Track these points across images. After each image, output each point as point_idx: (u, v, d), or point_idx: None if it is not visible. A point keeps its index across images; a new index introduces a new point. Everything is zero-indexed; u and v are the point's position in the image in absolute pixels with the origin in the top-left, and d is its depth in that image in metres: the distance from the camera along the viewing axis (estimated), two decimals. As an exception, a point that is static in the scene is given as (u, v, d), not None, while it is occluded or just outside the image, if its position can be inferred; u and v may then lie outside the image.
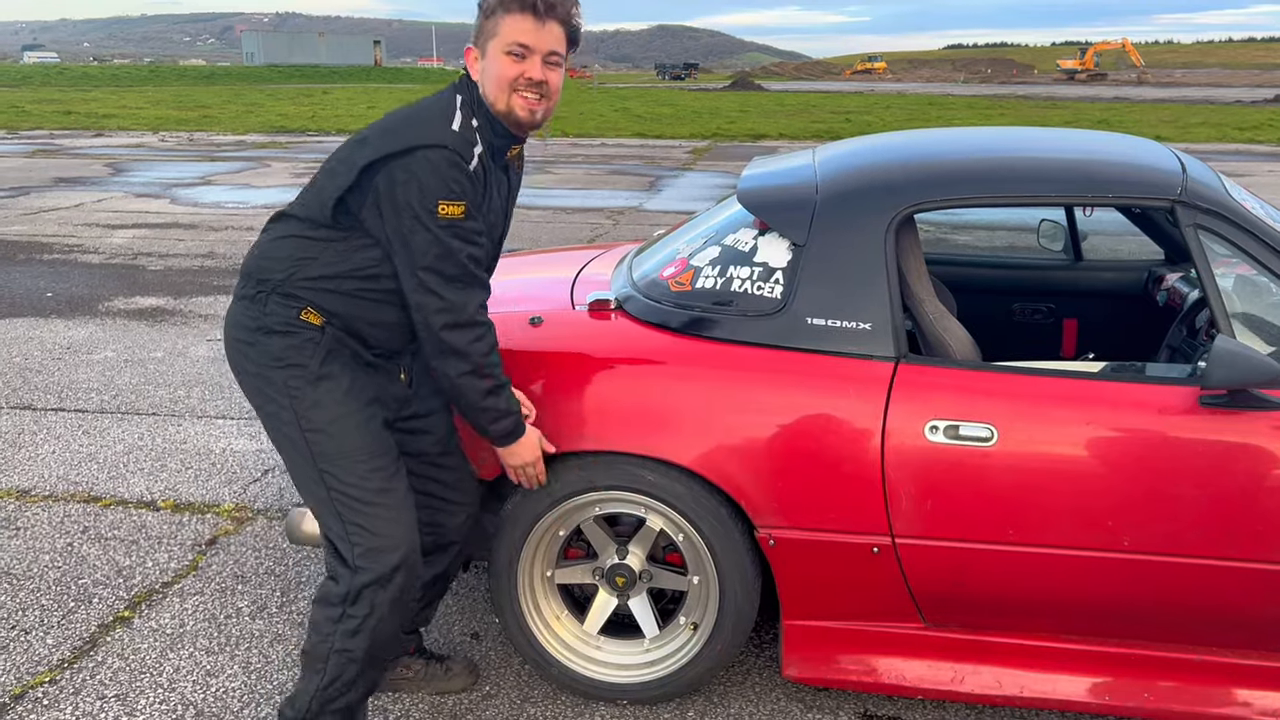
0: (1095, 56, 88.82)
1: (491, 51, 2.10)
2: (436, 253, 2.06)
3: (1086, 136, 2.86)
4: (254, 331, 2.15)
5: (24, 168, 14.78)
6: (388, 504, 2.15)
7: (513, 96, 2.10)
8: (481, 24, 2.12)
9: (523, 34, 2.06)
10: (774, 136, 22.73)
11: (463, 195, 2.04)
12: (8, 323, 6.07)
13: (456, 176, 2.03)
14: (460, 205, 2.05)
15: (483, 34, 2.11)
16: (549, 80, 2.11)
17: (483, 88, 2.13)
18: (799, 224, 2.40)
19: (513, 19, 2.06)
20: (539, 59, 2.09)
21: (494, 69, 2.09)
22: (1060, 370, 2.28)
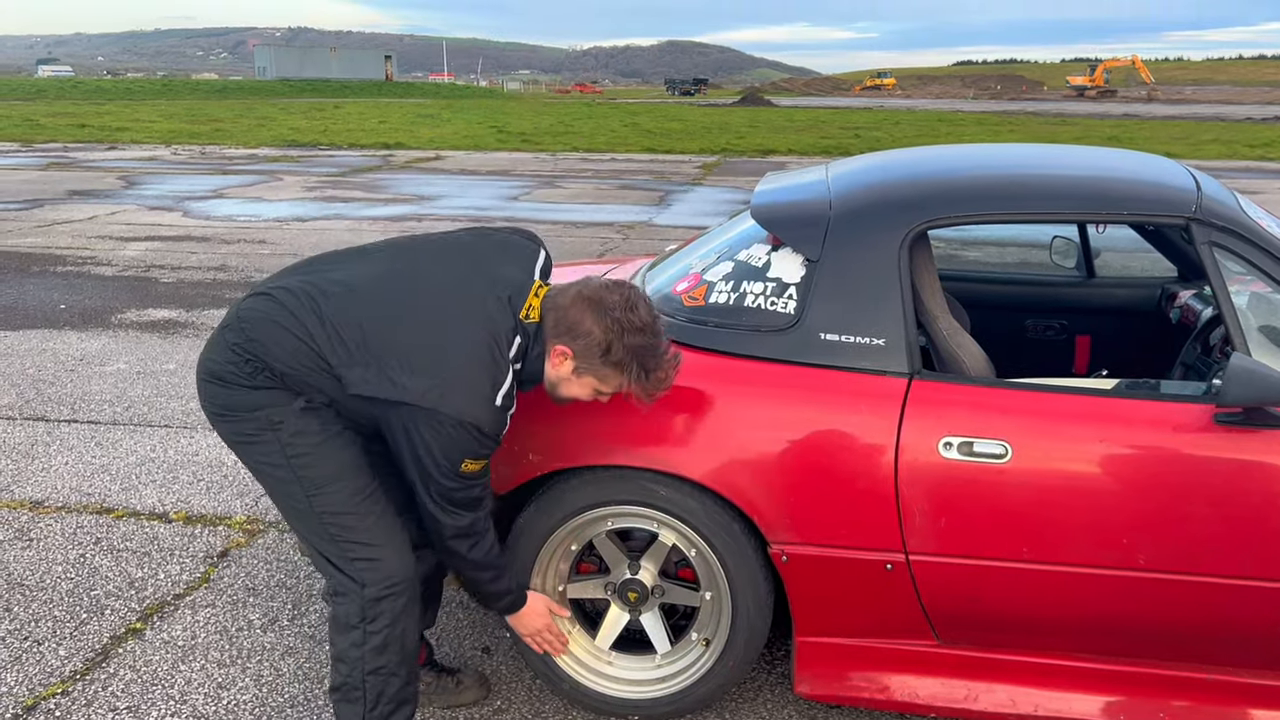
0: (1105, 73, 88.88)
1: (583, 381, 2.18)
2: (452, 492, 2.12)
3: (1100, 153, 2.86)
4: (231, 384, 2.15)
5: (38, 180, 14.88)
6: (378, 517, 2.18)
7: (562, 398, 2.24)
8: (596, 361, 2.14)
9: (614, 394, 2.21)
10: (783, 152, 22.76)
11: (487, 454, 2.12)
12: (22, 334, 6.11)
13: (486, 443, 2.09)
14: (482, 462, 2.12)
15: (591, 367, 2.15)
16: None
17: (551, 375, 2.19)
18: (812, 240, 2.40)
19: (623, 382, 2.16)
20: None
21: (574, 390, 2.21)
22: (1074, 387, 2.28)
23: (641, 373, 2.14)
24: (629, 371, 2.13)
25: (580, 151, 22.80)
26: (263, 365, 2.09)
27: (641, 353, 2.13)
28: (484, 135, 26.25)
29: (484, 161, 19.22)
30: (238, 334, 2.11)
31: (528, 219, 11.41)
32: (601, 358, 2.13)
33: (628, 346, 2.11)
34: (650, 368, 2.14)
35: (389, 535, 2.19)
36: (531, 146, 23.61)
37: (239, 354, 2.10)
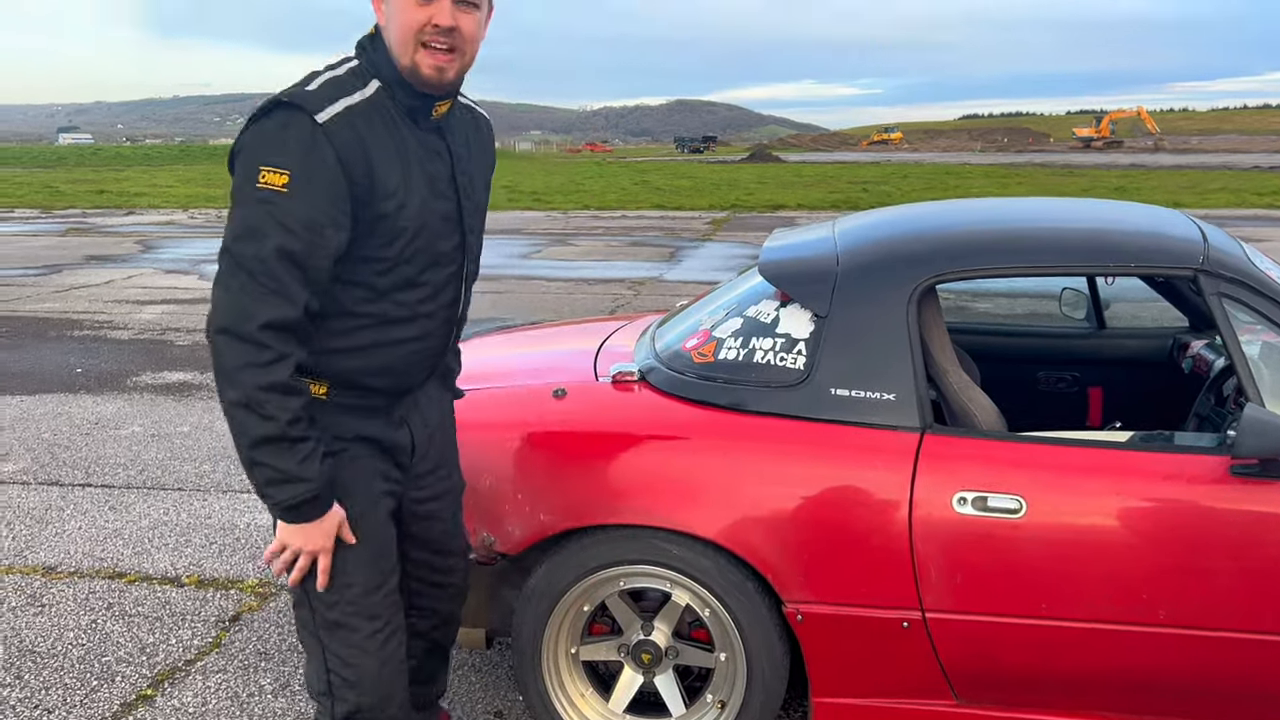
0: (1111, 124, 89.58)
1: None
2: (238, 230, 1.68)
3: (1106, 206, 2.88)
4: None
5: (57, 246, 15.09)
6: (374, 635, 1.92)
7: (418, 52, 1.75)
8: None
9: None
10: (792, 207, 22.94)
11: (291, 164, 1.67)
12: (38, 399, 6.15)
13: (287, 139, 1.68)
14: (282, 174, 1.66)
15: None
16: (460, 26, 1.76)
17: (387, 39, 1.79)
18: (820, 295, 2.41)
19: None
20: (448, 2, 1.74)
21: (396, 15, 1.75)
22: (1088, 440, 2.26)
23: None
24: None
25: (591, 209, 23.04)
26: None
27: None
28: (496, 195, 26.48)
29: (497, 220, 19.41)
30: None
31: (540, 276, 11.49)
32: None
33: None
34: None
35: (379, 666, 1.92)
36: (543, 205, 23.87)
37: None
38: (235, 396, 1.69)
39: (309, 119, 1.69)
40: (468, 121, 2.01)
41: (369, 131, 1.74)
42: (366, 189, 1.74)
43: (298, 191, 1.67)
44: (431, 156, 1.86)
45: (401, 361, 1.92)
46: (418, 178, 1.82)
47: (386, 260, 1.81)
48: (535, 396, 2.58)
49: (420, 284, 1.88)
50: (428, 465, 2.10)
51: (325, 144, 1.68)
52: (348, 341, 1.85)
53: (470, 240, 1.95)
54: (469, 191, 1.94)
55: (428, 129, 1.85)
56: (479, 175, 2.01)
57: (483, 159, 2.04)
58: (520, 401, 2.64)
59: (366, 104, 1.76)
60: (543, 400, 2.55)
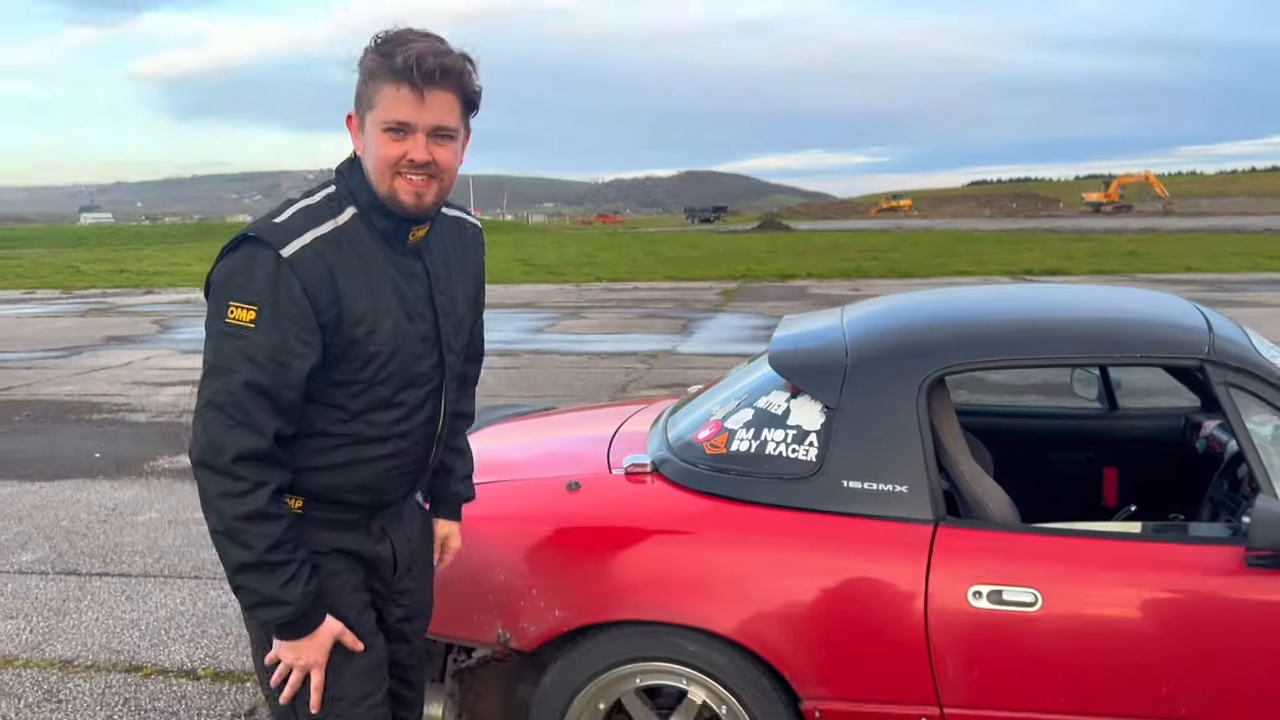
0: (1120, 189, 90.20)
1: (370, 127, 1.77)
2: (210, 364, 1.73)
3: (1111, 294, 2.92)
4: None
5: (77, 327, 15.30)
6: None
7: (395, 180, 1.76)
8: (360, 89, 1.78)
9: (401, 110, 1.73)
10: (802, 276, 23.09)
11: (257, 299, 1.70)
12: (57, 485, 6.19)
13: (254, 274, 1.70)
14: (250, 309, 1.70)
15: (361, 101, 1.78)
16: (436, 158, 1.77)
17: (365, 167, 1.81)
18: (830, 387, 2.44)
19: (389, 91, 1.73)
20: (423, 137, 1.75)
21: (372, 148, 1.77)
22: (1102, 531, 2.27)
23: (382, 55, 1.73)
24: (372, 63, 1.74)
25: (604, 281, 23.24)
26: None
27: (384, 41, 1.75)
28: (510, 269, 26.83)
29: (510, 294, 19.60)
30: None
31: (553, 350, 11.57)
32: (363, 84, 1.76)
33: (370, 48, 1.76)
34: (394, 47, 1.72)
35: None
36: (556, 278, 24.10)
37: None
38: (215, 525, 1.74)
39: (274, 254, 1.71)
40: (451, 233, 1.99)
41: (337, 260, 1.76)
42: (334, 317, 1.75)
43: (264, 325, 1.70)
44: (407, 279, 1.86)
45: (378, 479, 1.91)
46: (390, 302, 1.82)
47: (360, 383, 1.82)
48: (550, 489, 2.60)
49: (395, 404, 1.87)
50: (407, 583, 2.06)
51: (290, 277, 1.71)
52: (324, 460, 1.85)
53: (450, 359, 1.95)
54: (448, 310, 1.93)
55: (404, 252, 1.86)
56: (462, 290, 1.99)
57: (467, 271, 2.01)
58: (535, 494, 2.66)
59: (337, 232, 1.78)
60: (557, 493, 2.56)
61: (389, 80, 1.72)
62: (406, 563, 2.04)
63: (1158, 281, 17.99)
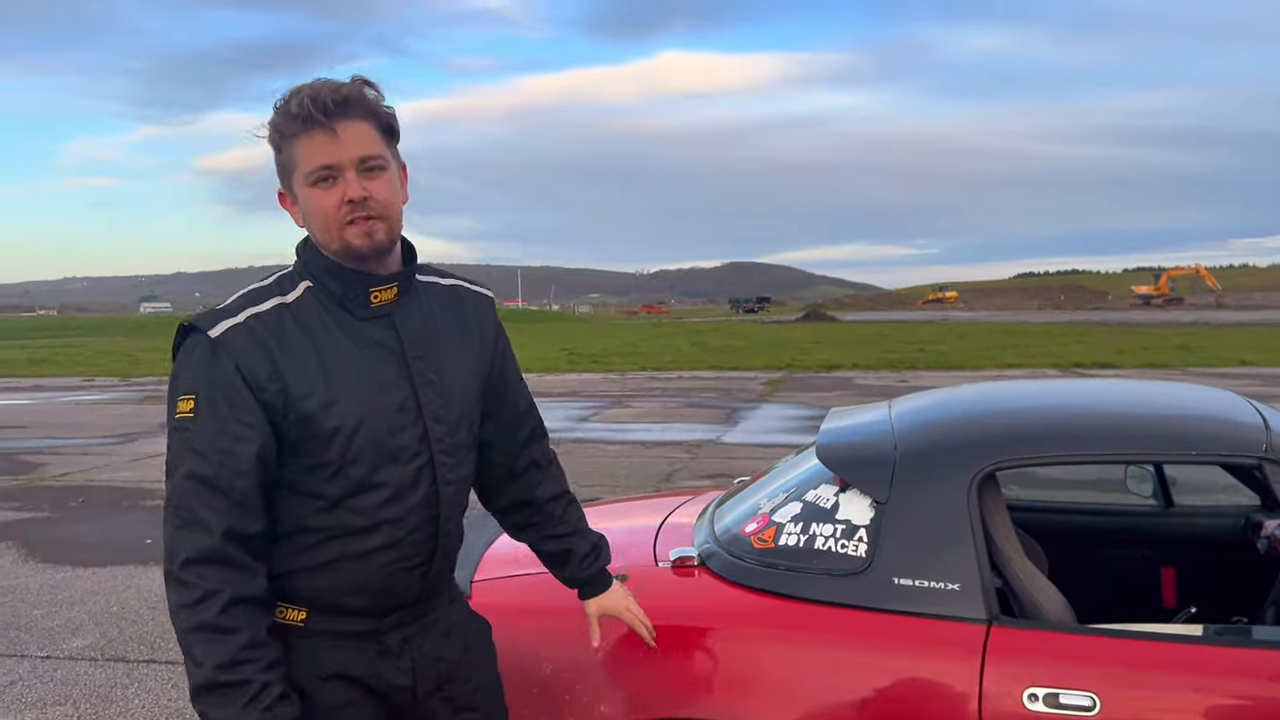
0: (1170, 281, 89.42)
1: (299, 189, 1.71)
2: (168, 452, 1.66)
3: (1165, 390, 2.89)
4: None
5: (133, 414, 15.63)
6: None
7: (344, 231, 1.68)
8: (278, 159, 1.72)
9: (319, 154, 1.66)
10: (848, 367, 23.02)
11: (194, 388, 1.63)
12: (109, 571, 6.27)
13: (191, 362, 1.66)
14: (189, 399, 1.63)
15: (283, 171, 1.73)
16: (372, 194, 1.68)
17: (312, 234, 1.74)
18: (879, 481, 2.43)
19: (302, 142, 1.67)
20: (351, 173, 1.67)
21: (312, 208, 1.70)
22: (1161, 634, 2.21)
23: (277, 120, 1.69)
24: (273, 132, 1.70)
25: (648, 370, 23.35)
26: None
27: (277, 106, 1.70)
28: (556, 358, 27.08)
29: (556, 383, 19.74)
30: None
31: (597, 439, 11.59)
32: (278, 154, 1.72)
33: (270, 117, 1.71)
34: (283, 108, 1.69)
35: None
36: (601, 367, 24.25)
37: None
38: (178, 637, 1.63)
39: (204, 337, 1.66)
40: (440, 301, 1.88)
41: (276, 336, 1.68)
42: (279, 393, 1.65)
43: (202, 413, 1.62)
44: (370, 346, 1.74)
45: (376, 577, 1.75)
46: (348, 372, 1.70)
47: (330, 464, 1.69)
48: (597, 581, 2.59)
49: (376, 485, 1.72)
50: (447, 707, 1.90)
51: (223, 357, 1.64)
52: (313, 558, 1.73)
53: (436, 429, 1.77)
54: (429, 378, 1.78)
55: (366, 317, 1.74)
56: (458, 357, 1.85)
57: (467, 339, 1.89)
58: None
59: (281, 309, 1.71)
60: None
61: (297, 132, 1.66)
62: (431, 684, 1.86)
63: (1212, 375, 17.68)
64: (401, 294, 1.78)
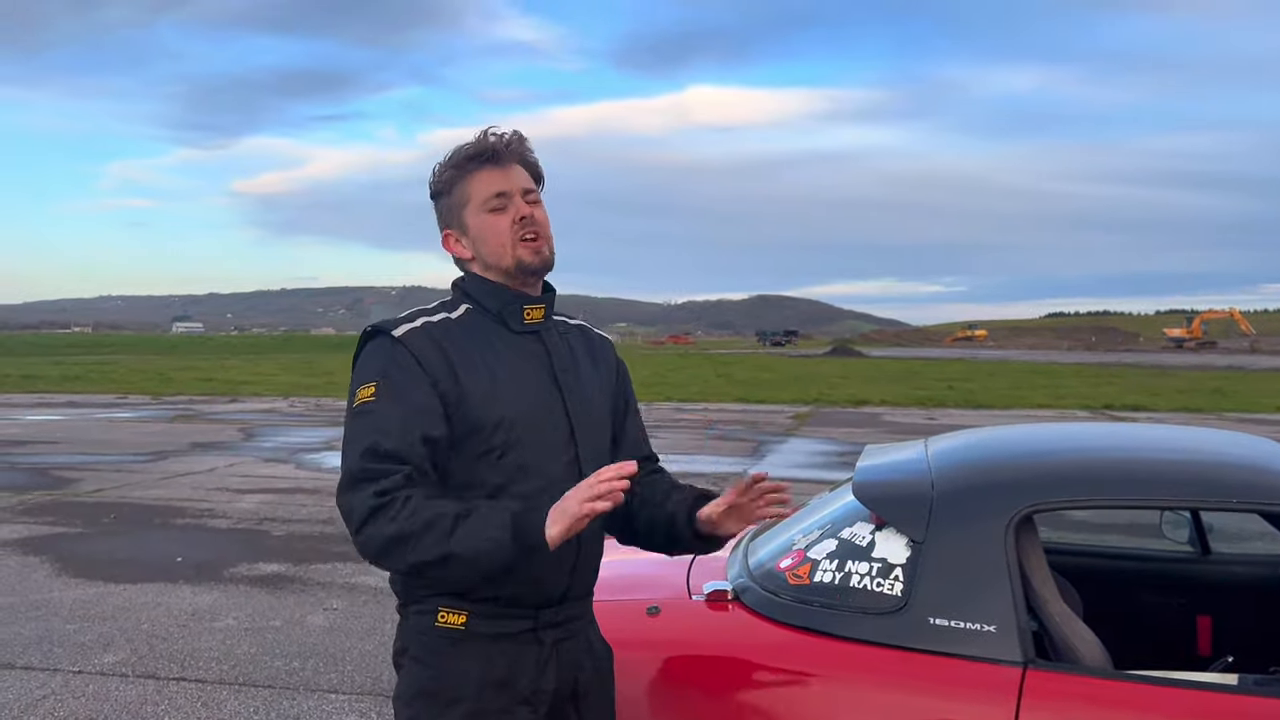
0: (1203, 325, 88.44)
1: (472, 218, 1.96)
2: (343, 444, 1.86)
3: (1202, 436, 2.87)
4: (398, 655, 1.97)
5: (164, 433, 15.81)
6: None
7: (517, 248, 1.94)
8: (447, 203, 1.99)
9: (495, 183, 1.95)
10: (876, 403, 22.91)
11: (376, 376, 1.84)
12: (140, 588, 6.34)
13: (371, 358, 1.88)
14: (370, 386, 1.84)
15: (453, 210, 1.99)
16: (536, 216, 1.97)
17: (483, 257, 1.97)
18: (916, 520, 2.43)
19: (476, 178, 1.95)
20: (519, 198, 1.95)
21: (486, 231, 1.95)
22: (1198, 682, 2.19)
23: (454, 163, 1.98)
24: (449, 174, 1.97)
25: (674, 401, 23.31)
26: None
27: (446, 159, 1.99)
28: (582, 387, 27.07)
29: (581, 414, 19.72)
30: None
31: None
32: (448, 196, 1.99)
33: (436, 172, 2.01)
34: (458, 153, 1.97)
35: None
36: (627, 398, 24.24)
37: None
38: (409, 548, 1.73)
39: (386, 336, 1.89)
40: (575, 334, 2.12)
41: (447, 339, 1.89)
42: (451, 386, 1.84)
43: (382, 396, 1.82)
44: (525, 356, 1.95)
45: (526, 573, 1.83)
46: (508, 371, 1.91)
47: (495, 448, 1.86)
48: (629, 612, 2.60)
49: (534, 473, 1.87)
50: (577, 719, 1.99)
51: (403, 350, 1.85)
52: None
53: (581, 433, 1.96)
54: (573, 387, 1.98)
55: (521, 332, 1.96)
56: (595, 380, 2.07)
57: (598, 366, 2.11)
58: (614, 617, 2.65)
59: (448, 321, 1.94)
60: (637, 617, 2.56)
61: (472, 170, 1.95)
62: (568, 694, 1.96)
63: (1247, 421, 17.46)
64: (547, 315, 2.02)
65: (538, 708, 1.91)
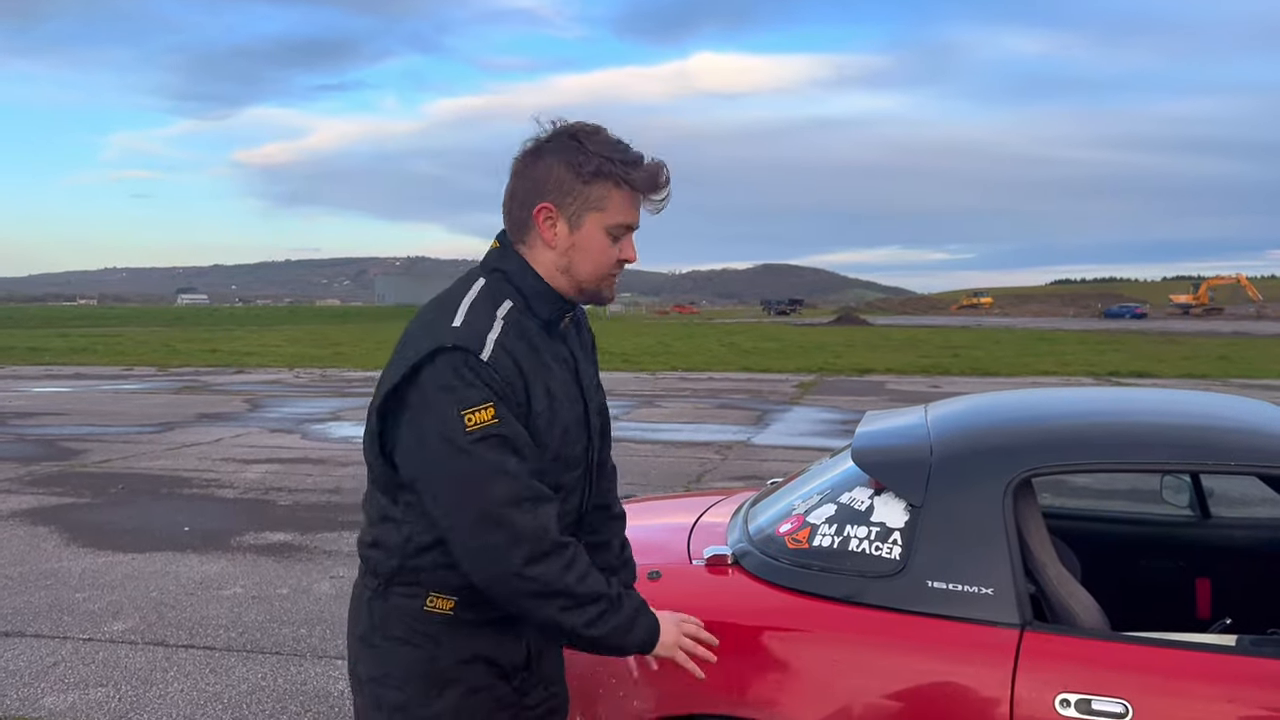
0: (1209, 291, 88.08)
1: (589, 227, 1.84)
2: (484, 474, 1.73)
3: (1204, 399, 2.88)
4: (369, 634, 1.93)
5: (171, 404, 15.87)
6: None
7: (603, 282, 1.89)
8: (577, 188, 1.82)
9: (632, 215, 1.85)
10: (881, 371, 22.91)
11: (486, 398, 1.73)
12: (148, 557, 6.39)
13: (469, 377, 1.74)
14: (488, 409, 1.73)
15: (577, 200, 1.82)
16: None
17: (568, 265, 1.86)
18: (915, 485, 2.44)
19: (624, 196, 1.83)
20: (631, 238, 1.88)
21: (594, 250, 1.85)
22: (1196, 643, 2.21)
23: (626, 168, 1.82)
24: (616, 173, 1.80)
25: (679, 370, 23.36)
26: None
27: (611, 148, 1.82)
28: (586, 357, 27.11)
29: (586, 383, 19.76)
30: None
31: (627, 439, 11.62)
32: (585, 185, 1.81)
33: (595, 150, 1.80)
34: (633, 160, 1.82)
35: None
36: (631, 366, 24.28)
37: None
38: (565, 604, 1.78)
39: (474, 356, 1.75)
40: (574, 325, 2.05)
41: (519, 353, 1.81)
42: (524, 403, 1.81)
43: (505, 418, 1.75)
44: (561, 365, 1.92)
45: None
46: (556, 388, 1.88)
47: (544, 472, 1.84)
48: (630, 577, 2.62)
49: (561, 488, 1.91)
50: (539, 680, 2.05)
51: (494, 371, 1.76)
52: None
53: (595, 442, 1.99)
54: (591, 393, 2.00)
55: (557, 338, 1.93)
56: (593, 377, 2.05)
57: (590, 352, 2.09)
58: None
59: (508, 326, 1.82)
60: (638, 582, 2.58)
61: (625, 188, 1.82)
62: (534, 661, 2.03)
63: (1252, 387, 17.44)
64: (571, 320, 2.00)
65: (513, 679, 1.99)
